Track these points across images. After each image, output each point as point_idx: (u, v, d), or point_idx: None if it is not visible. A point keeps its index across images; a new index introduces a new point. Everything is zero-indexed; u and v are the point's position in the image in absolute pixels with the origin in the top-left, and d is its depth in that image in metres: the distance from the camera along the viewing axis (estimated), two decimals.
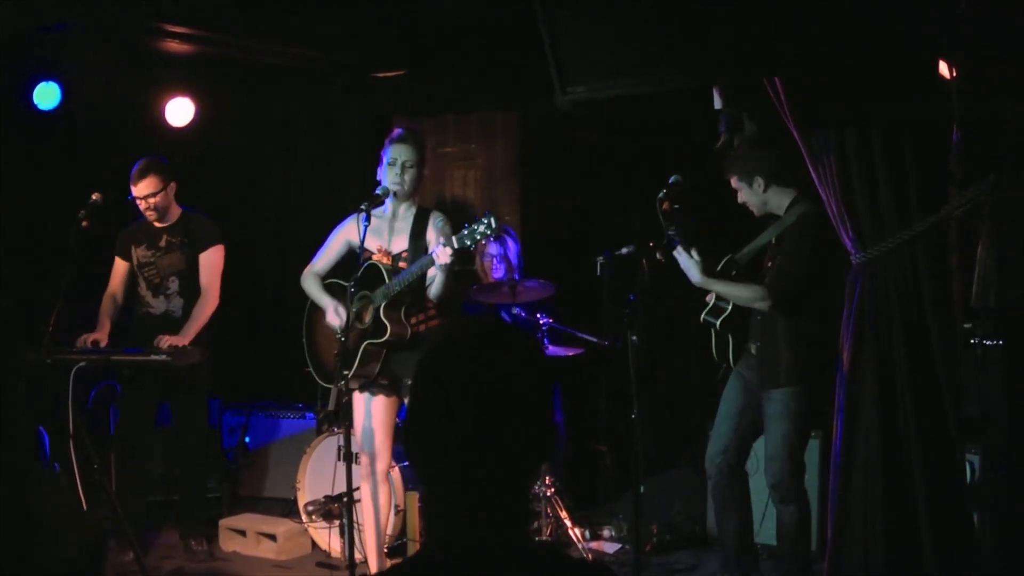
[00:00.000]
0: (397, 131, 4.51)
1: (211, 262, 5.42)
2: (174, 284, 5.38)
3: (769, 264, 4.35)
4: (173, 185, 5.36)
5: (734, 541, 4.42)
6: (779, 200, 4.34)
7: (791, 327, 4.23)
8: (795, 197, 4.32)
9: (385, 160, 4.44)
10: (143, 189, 5.26)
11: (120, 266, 5.47)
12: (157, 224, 5.39)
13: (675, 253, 4.31)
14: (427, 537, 4.87)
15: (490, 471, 1.54)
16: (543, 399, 1.60)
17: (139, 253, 5.41)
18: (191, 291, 5.38)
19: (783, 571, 4.38)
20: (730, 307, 4.35)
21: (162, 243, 5.39)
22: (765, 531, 4.66)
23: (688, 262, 4.28)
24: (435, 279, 4.25)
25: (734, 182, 4.39)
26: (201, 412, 5.48)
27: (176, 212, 5.43)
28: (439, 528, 1.58)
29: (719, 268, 4.40)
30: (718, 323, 4.39)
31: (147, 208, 5.29)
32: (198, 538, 5.45)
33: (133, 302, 5.45)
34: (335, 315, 4.45)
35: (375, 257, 4.42)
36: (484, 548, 1.54)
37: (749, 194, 4.36)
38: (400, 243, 4.43)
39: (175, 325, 5.29)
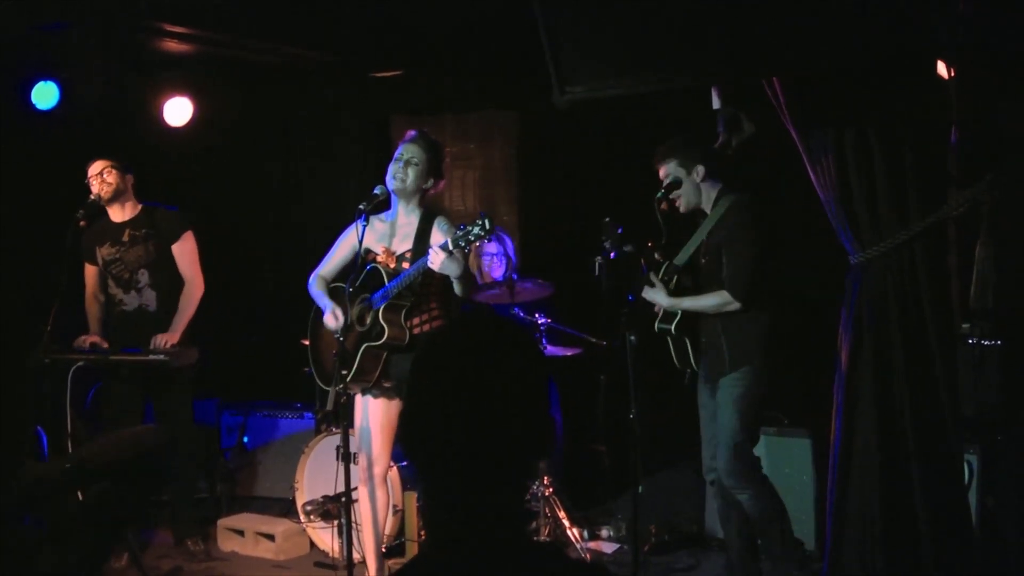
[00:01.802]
0: (411, 132, 4.51)
1: (186, 251, 5.38)
2: (144, 277, 5.33)
3: (704, 260, 4.33)
4: (130, 177, 5.35)
5: (737, 543, 4.41)
6: (709, 193, 4.35)
7: (725, 314, 4.24)
8: (720, 189, 4.33)
9: (393, 157, 4.45)
10: (98, 166, 5.25)
11: (90, 270, 5.44)
12: (116, 220, 5.35)
13: (644, 294, 4.37)
14: (427, 537, 4.87)
15: (487, 467, 1.54)
16: (539, 393, 1.60)
17: (104, 252, 5.36)
18: (163, 283, 5.34)
19: (775, 568, 4.37)
20: (680, 311, 4.35)
21: (125, 237, 5.34)
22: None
23: (651, 291, 4.34)
24: (454, 282, 4.26)
25: (669, 169, 4.34)
26: (185, 411, 5.44)
27: (136, 206, 5.40)
28: (438, 527, 1.58)
29: (661, 275, 4.41)
30: (672, 328, 4.37)
31: (101, 184, 5.23)
32: (194, 538, 5.44)
33: (108, 304, 5.42)
34: (332, 317, 4.44)
35: (379, 259, 4.42)
36: (482, 548, 1.54)
37: (686, 184, 4.33)
38: (404, 245, 4.42)
39: (151, 319, 5.27)
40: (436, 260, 4.06)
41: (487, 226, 4.00)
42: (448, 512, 1.56)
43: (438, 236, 4.32)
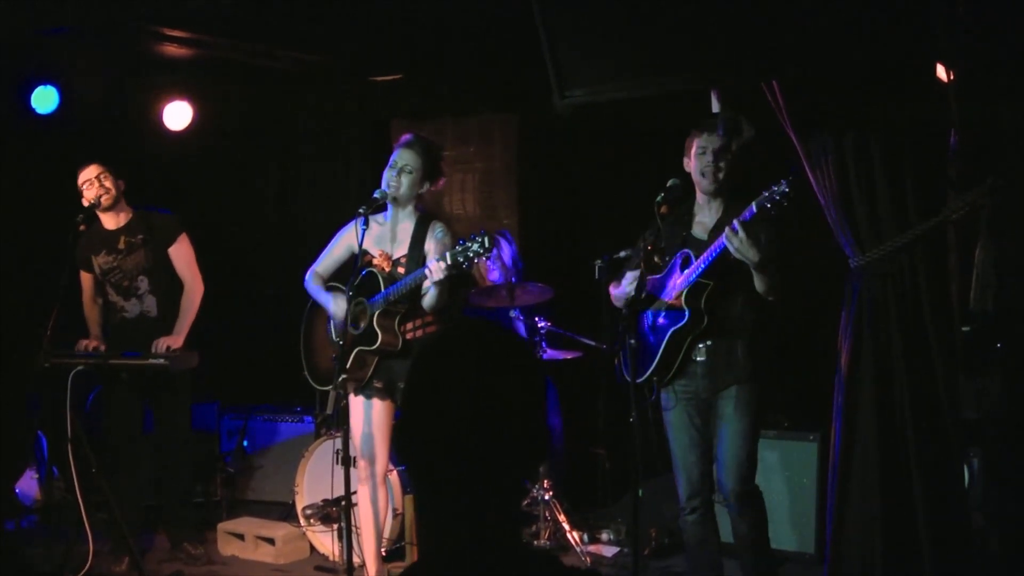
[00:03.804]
0: (406, 137, 4.51)
1: (182, 253, 5.35)
2: (144, 283, 5.30)
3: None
4: (121, 183, 5.29)
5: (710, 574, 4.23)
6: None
7: (749, 318, 4.02)
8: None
9: (388, 163, 4.45)
10: (93, 171, 5.20)
11: (86, 277, 5.40)
12: (109, 227, 5.32)
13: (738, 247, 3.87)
14: (421, 545, 4.86)
15: (483, 474, 1.54)
16: (535, 402, 1.59)
17: (100, 261, 5.32)
18: (162, 287, 5.31)
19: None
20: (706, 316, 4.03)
21: (121, 245, 5.31)
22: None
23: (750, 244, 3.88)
24: (428, 291, 4.26)
25: (728, 143, 4.04)
26: (183, 416, 5.43)
27: (128, 212, 5.36)
28: (432, 534, 1.58)
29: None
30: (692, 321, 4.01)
31: (99, 189, 5.17)
32: (192, 542, 5.42)
33: (107, 311, 5.39)
34: (337, 306, 4.44)
35: (375, 263, 4.43)
36: (476, 554, 1.54)
37: (738, 160, 4.08)
38: (401, 249, 4.43)
39: (152, 325, 5.25)
40: (437, 273, 4.09)
41: (486, 243, 4.01)
42: (443, 519, 1.56)
43: (431, 243, 4.34)
